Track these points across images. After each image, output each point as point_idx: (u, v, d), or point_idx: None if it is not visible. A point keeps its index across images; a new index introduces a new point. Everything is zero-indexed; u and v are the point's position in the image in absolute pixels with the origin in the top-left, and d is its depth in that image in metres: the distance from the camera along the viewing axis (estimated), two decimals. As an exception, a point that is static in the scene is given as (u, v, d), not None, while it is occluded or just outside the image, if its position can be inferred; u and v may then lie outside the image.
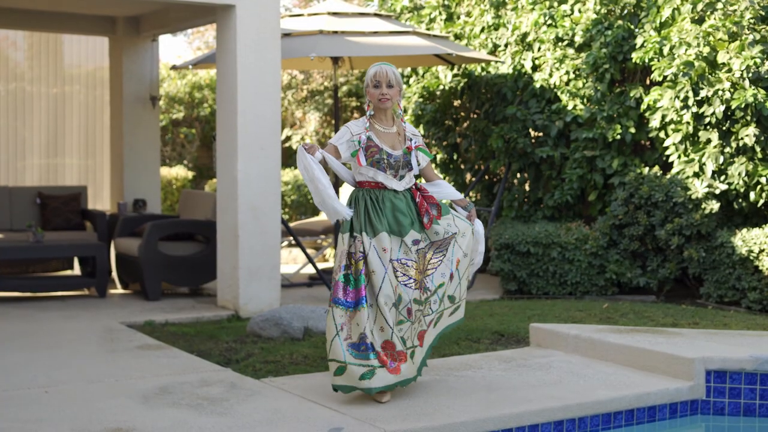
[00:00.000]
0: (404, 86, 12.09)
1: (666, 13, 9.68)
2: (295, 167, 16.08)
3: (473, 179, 11.40)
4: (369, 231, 5.16)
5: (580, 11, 10.58)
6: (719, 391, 5.73)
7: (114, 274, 9.93)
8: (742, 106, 8.71)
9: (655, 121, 9.44)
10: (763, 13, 9.09)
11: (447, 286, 5.34)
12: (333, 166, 5.34)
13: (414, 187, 5.38)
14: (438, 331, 5.42)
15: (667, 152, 9.50)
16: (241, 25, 8.34)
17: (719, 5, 9.19)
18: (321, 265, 11.45)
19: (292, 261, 12.63)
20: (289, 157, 16.69)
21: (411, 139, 5.38)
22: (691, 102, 9.04)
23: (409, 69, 12.32)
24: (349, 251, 5.17)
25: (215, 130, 8.84)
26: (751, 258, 8.66)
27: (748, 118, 8.81)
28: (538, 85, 10.58)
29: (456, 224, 5.41)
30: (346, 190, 11.94)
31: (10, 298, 9.14)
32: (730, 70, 8.91)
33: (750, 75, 8.75)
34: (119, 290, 9.80)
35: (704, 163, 9.10)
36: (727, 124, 9.02)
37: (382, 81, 5.24)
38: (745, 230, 8.86)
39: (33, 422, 4.78)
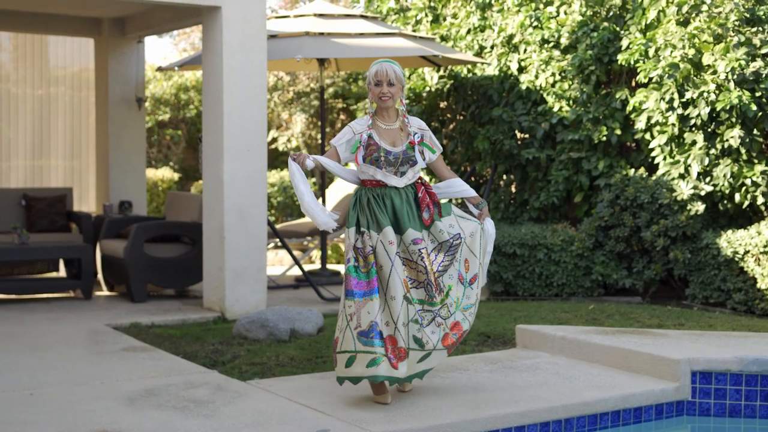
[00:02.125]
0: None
1: (651, 15, 9.71)
2: (281, 169, 16.07)
3: (459, 181, 11.40)
4: (375, 227, 5.19)
5: (565, 13, 10.60)
6: (705, 392, 5.75)
7: (99, 276, 9.90)
8: (727, 107, 8.74)
9: (640, 123, 9.47)
10: (748, 15, 9.13)
11: (456, 288, 5.29)
12: (332, 170, 5.35)
13: (419, 182, 5.33)
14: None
15: (653, 154, 9.53)
16: (227, 27, 8.33)
17: (704, 7, 9.22)
18: (307, 267, 11.43)
19: (279, 263, 12.62)
20: (275, 159, 16.68)
21: (415, 134, 5.33)
22: (676, 104, 9.07)
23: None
24: (355, 245, 5.19)
25: (201, 132, 8.82)
26: (736, 259, 8.69)
27: (733, 119, 8.84)
28: (524, 87, 10.60)
29: (460, 225, 5.35)
30: (336, 192, 11.94)
31: (-6, 300, 9.11)
32: (715, 72, 8.94)
33: (735, 77, 8.78)
34: (105, 292, 9.77)
35: (690, 165, 9.13)
36: (713, 126, 9.05)
37: (383, 80, 5.23)
38: (730, 232, 8.89)
39: (18, 425, 4.76)
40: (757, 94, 8.83)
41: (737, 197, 8.91)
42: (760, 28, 9.05)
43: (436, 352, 5.21)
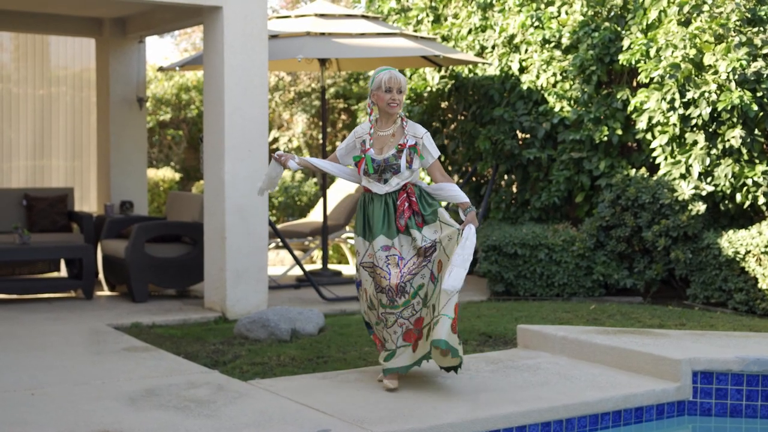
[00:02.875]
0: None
1: (653, 15, 9.70)
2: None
3: (461, 181, 11.41)
4: (360, 231, 5.51)
5: (567, 13, 10.60)
6: (706, 392, 5.75)
7: (101, 276, 9.90)
8: (729, 107, 8.74)
9: (641, 123, 9.47)
10: (749, 15, 9.12)
11: (427, 287, 5.41)
12: (328, 170, 5.60)
13: (404, 189, 5.42)
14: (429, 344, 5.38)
15: (654, 154, 9.53)
16: (228, 27, 8.33)
17: (705, 7, 9.22)
18: (308, 267, 11.43)
19: (280, 263, 12.62)
20: (276, 159, 16.67)
21: (407, 140, 5.42)
22: (677, 104, 9.06)
23: (396, 71, 12.31)
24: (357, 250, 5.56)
25: (202, 132, 8.82)
26: (738, 259, 8.68)
27: (735, 119, 8.84)
28: (525, 87, 10.60)
29: (442, 231, 5.44)
30: (336, 192, 11.94)
31: (-4, 300, 9.12)
32: (716, 72, 8.93)
33: (736, 77, 8.78)
34: (106, 292, 9.77)
35: (691, 165, 9.12)
36: (714, 126, 9.05)
37: (394, 87, 5.40)
38: (731, 232, 8.89)
39: (19, 425, 4.76)
40: (758, 94, 8.83)
41: (738, 197, 8.91)
42: (761, 28, 9.05)
43: (401, 350, 5.45)
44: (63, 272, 10.23)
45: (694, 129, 9.14)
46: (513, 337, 7.16)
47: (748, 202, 8.92)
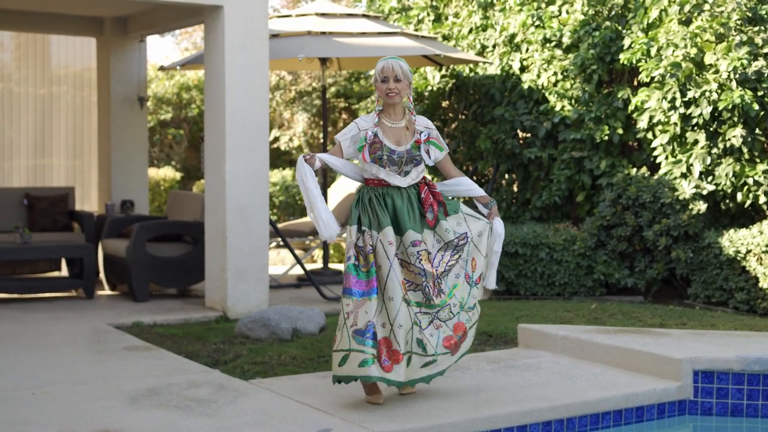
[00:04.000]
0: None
1: (653, 14, 9.70)
2: (283, 168, 16.07)
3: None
4: (375, 226, 5.13)
5: (567, 12, 10.60)
6: (707, 391, 5.75)
7: (102, 275, 9.91)
8: (729, 107, 8.74)
9: (642, 122, 9.47)
10: (750, 15, 9.12)
11: (461, 288, 5.22)
12: (337, 169, 5.28)
13: (423, 182, 5.26)
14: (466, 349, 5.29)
15: (655, 153, 9.53)
16: (229, 26, 8.33)
17: (706, 6, 9.22)
18: (309, 266, 11.43)
19: (281, 262, 12.62)
20: (277, 158, 16.69)
21: (422, 132, 5.27)
22: (678, 103, 9.07)
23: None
24: (356, 243, 5.14)
25: (203, 131, 8.83)
26: (738, 259, 8.68)
27: (735, 119, 8.84)
28: (526, 86, 10.60)
29: (468, 224, 5.28)
30: (338, 191, 11.94)
31: (-3, 299, 9.12)
32: (717, 72, 8.93)
33: (737, 76, 8.78)
34: (107, 291, 9.77)
35: (692, 164, 9.12)
36: (715, 125, 9.05)
37: (389, 75, 5.17)
38: (732, 231, 8.89)
39: (20, 424, 4.76)
40: (759, 94, 8.83)
41: (739, 196, 8.91)
42: (762, 28, 9.05)
43: (442, 357, 5.14)
44: (64, 272, 10.23)
45: (695, 128, 9.14)
46: (514, 337, 7.16)
47: (748, 201, 8.92)
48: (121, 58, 11.22)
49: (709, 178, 9.10)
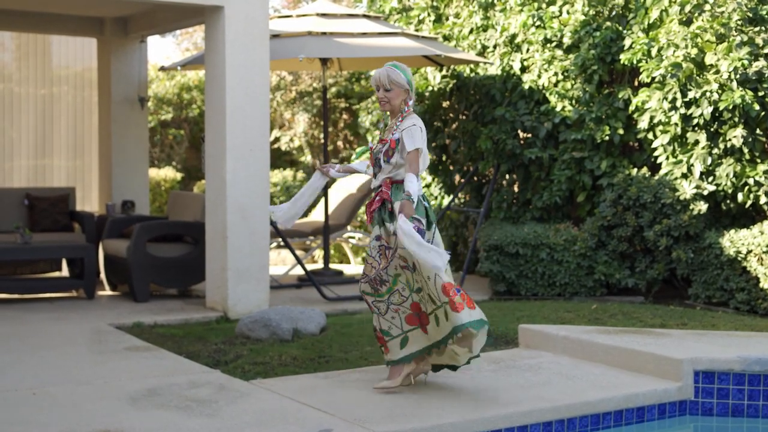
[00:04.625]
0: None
1: (654, 14, 9.70)
2: (284, 168, 16.07)
3: (462, 181, 11.41)
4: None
5: (568, 13, 10.60)
6: (707, 391, 5.75)
7: (102, 275, 9.91)
8: (730, 107, 8.74)
9: (643, 123, 9.46)
10: (751, 15, 9.12)
11: (405, 274, 5.34)
12: (361, 171, 5.81)
13: (387, 181, 5.43)
14: (442, 334, 5.30)
15: (656, 153, 9.53)
16: (230, 26, 8.33)
17: (707, 7, 9.22)
18: (310, 267, 11.43)
19: (281, 262, 12.62)
20: (277, 159, 16.68)
21: (394, 133, 5.38)
22: (679, 103, 9.06)
23: (397, 70, 12.29)
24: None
25: (204, 132, 8.83)
26: (739, 259, 8.68)
27: (736, 119, 8.84)
28: (526, 87, 10.59)
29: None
30: (338, 192, 11.93)
31: (-3, 299, 9.12)
32: (717, 72, 8.93)
33: (738, 76, 8.78)
34: (107, 292, 9.77)
35: (692, 165, 9.12)
36: (715, 126, 9.05)
37: (378, 85, 5.43)
38: (732, 231, 8.89)
39: (20, 424, 4.76)
40: (760, 94, 8.83)
41: (740, 197, 8.91)
42: (763, 28, 9.05)
43: (412, 334, 5.42)
44: (65, 272, 10.23)
45: (696, 128, 9.14)
46: (514, 337, 7.16)
47: (749, 202, 8.92)
48: (121, 58, 11.22)
49: (710, 179, 9.10)
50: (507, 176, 10.96)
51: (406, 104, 5.42)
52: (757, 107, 8.65)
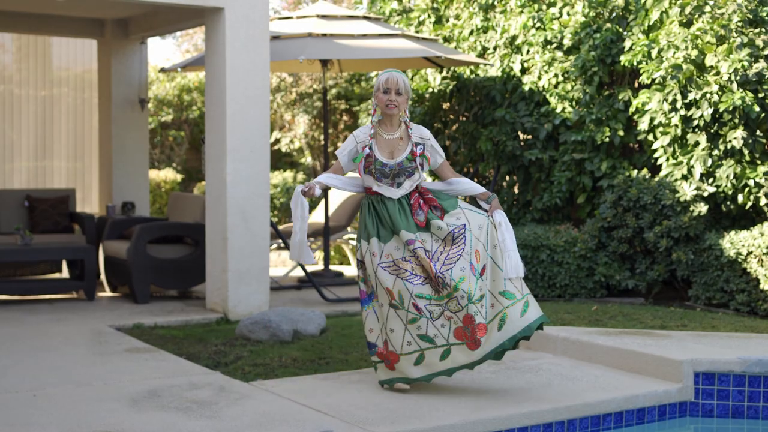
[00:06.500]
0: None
1: (654, 16, 9.70)
2: (284, 170, 16.08)
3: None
4: (365, 236, 5.41)
5: (568, 14, 10.60)
6: (708, 393, 5.75)
7: (102, 277, 9.91)
8: (730, 108, 8.74)
9: (643, 124, 9.47)
10: (751, 17, 9.12)
11: (468, 281, 5.25)
12: (339, 187, 5.56)
13: (415, 190, 5.43)
14: (508, 335, 5.28)
15: (656, 155, 9.53)
16: (230, 28, 8.33)
17: (707, 8, 9.22)
18: (310, 268, 11.43)
19: (281, 264, 12.62)
20: (278, 160, 16.69)
21: (418, 145, 5.45)
22: (679, 105, 9.07)
23: (398, 72, 12.31)
24: (357, 257, 5.52)
25: (204, 133, 8.83)
26: (739, 260, 8.68)
27: (736, 120, 8.84)
28: (526, 88, 10.60)
29: (467, 217, 5.40)
30: (338, 193, 11.94)
31: (-2, 301, 9.13)
32: (718, 73, 8.93)
33: (738, 78, 8.78)
34: (108, 293, 9.77)
35: (692, 166, 9.12)
36: (715, 127, 9.05)
37: (392, 87, 5.39)
38: (733, 232, 8.89)
39: (21, 425, 4.76)
40: (760, 95, 8.83)
41: (740, 198, 8.91)
42: (763, 29, 9.05)
43: (456, 348, 5.28)
44: (65, 273, 10.24)
45: (696, 130, 9.14)
46: (515, 338, 7.15)
47: (749, 203, 8.92)
48: (122, 59, 11.22)
49: (710, 180, 9.10)
50: (507, 177, 10.96)
51: (405, 114, 5.50)
52: (757, 109, 8.65)
